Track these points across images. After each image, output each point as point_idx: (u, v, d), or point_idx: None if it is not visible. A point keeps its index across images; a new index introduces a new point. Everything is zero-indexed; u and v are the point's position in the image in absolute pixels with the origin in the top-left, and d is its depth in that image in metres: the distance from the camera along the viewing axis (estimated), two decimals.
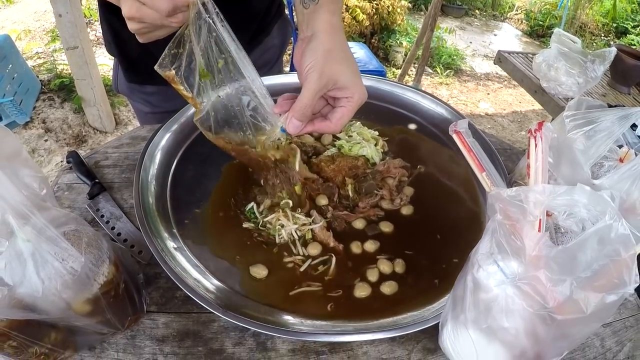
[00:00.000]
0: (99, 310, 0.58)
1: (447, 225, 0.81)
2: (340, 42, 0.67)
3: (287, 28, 1.24)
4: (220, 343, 0.64)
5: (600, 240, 0.46)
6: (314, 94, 0.64)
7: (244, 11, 1.02)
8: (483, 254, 0.51)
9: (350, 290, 0.69)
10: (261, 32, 1.12)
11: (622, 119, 0.64)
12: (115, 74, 1.13)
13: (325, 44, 0.65)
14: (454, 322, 0.57)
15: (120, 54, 1.02)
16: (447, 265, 0.74)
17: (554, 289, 0.47)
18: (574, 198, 0.48)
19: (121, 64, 1.06)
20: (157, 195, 0.79)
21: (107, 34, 1.01)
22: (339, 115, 0.67)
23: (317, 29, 0.66)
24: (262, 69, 1.16)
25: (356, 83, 0.66)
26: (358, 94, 0.67)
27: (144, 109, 1.15)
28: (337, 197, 0.84)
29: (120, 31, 0.98)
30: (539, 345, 0.52)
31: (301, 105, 0.64)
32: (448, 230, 0.80)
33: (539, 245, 0.47)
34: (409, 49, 3.94)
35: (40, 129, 2.79)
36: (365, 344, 0.65)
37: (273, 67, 1.24)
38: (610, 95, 2.21)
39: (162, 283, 0.71)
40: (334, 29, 0.66)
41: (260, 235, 0.76)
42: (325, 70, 0.64)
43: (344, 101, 0.67)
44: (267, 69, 1.22)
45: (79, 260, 0.53)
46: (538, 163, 0.55)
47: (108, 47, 1.04)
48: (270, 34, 1.16)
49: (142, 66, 1.02)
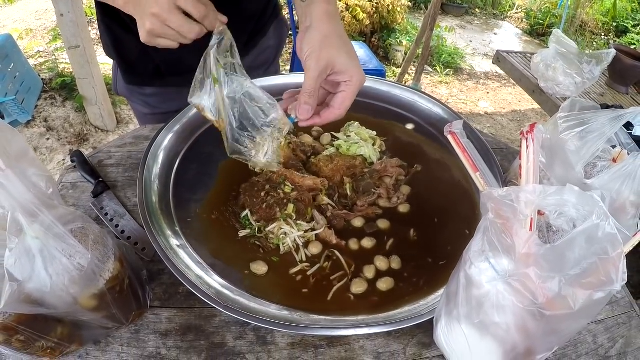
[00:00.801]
0: (104, 305, 0.59)
1: (442, 223, 0.83)
2: (336, 29, 0.70)
3: (284, 29, 1.25)
4: (221, 337, 0.66)
5: (588, 239, 0.48)
6: (315, 79, 0.67)
7: (240, 13, 1.03)
8: (475, 252, 0.53)
9: (348, 286, 0.71)
10: (257, 33, 1.14)
11: (613, 120, 0.66)
12: (114, 76, 1.14)
13: (322, 31, 0.68)
14: (447, 317, 0.59)
15: (118, 56, 1.03)
16: (442, 262, 0.76)
17: (543, 285, 0.49)
18: (563, 198, 0.49)
19: (120, 67, 1.07)
20: (160, 194, 0.81)
21: (105, 37, 1.02)
22: (340, 100, 0.70)
23: (314, 18, 0.69)
24: (258, 70, 1.17)
25: (353, 66, 0.69)
26: (356, 76, 0.69)
27: (143, 110, 1.16)
28: (337, 197, 0.86)
29: (119, 34, 0.98)
30: (530, 340, 0.53)
31: (306, 91, 0.67)
32: (443, 228, 0.82)
33: (529, 243, 0.49)
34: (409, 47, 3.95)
35: (42, 127, 2.81)
36: (362, 338, 0.67)
37: (270, 68, 1.25)
38: (608, 95, 2.23)
39: (165, 279, 0.73)
40: (329, 17, 0.70)
41: (258, 240, 0.78)
42: (323, 55, 0.67)
43: (343, 85, 0.70)
44: (263, 69, 1.23)
45: (86, 256, 0.54)
46: (529, 164, 0.56)
47: (106, 50, 1.05)
48: (267, 35, 1.17)
49: (140, 68, 1.04)
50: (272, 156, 0.71)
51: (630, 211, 0.66)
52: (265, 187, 0.81)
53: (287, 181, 0.82)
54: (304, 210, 0.79)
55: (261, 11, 1.11)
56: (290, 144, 0.92)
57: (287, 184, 0.81)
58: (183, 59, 0.87)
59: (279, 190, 0.80)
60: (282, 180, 0.82)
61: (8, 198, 0.50)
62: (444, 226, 0.82)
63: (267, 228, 0.77)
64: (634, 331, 0.74)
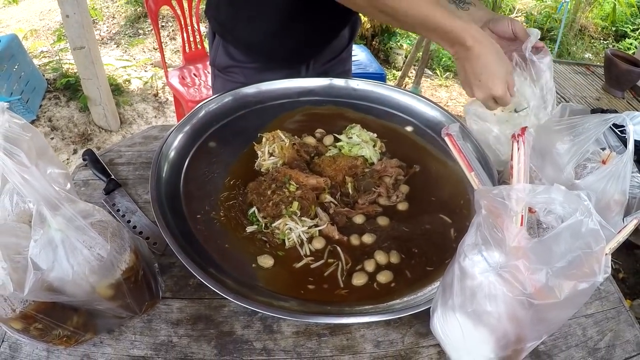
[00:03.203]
0: (120, 294, 0.63)
1: (439, 220, 0.86)
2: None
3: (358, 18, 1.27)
4: (230, 326, 0.70)
5: (573, 234, 0.51)
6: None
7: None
8: (469, 245, 0.57)
9: (349, 279, 0.75)
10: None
11: (598, 124, 0.70)
12: (214, 51, 1.18)
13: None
14: (443, 307, 0.63)
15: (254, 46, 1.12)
16: (438, 256, 0.80)
17: (531, 276, 0.52)
18: (551, 196, 0.53)
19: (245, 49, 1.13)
20: (171, 192, 0.85)
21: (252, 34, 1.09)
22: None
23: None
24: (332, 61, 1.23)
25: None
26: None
27: (240, 79, 1.19)
28: (339, 195, 0.90)
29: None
30: (520, 328, 0.57)
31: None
32: (440, 224, 0.86)
33: (518, 237, 0.53)
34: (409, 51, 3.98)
35: (47, 127, 2.84)
36: (362, 327, 0.71)
37: (341, 54, 1.27)
38: (604, 100, 2.26)
39: (175, 272, 0.77)
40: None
41: (265, 235, 0.81)
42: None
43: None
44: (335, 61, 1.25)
45: (106, 248, 0.58)
46: (520, 164, 0.60)
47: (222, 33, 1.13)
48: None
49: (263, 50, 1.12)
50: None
51: (615, 209, 0.70)
52: (271, 185, 0.85)
53: (291, 180, 0.86)
54: (307, 208, 0.83)
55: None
56: (295, 145, 0.96)
57: (292, 183, 0.85)
58: (301, 51, 1.11)
59: (284, 188, 0.84)
60: (287, 179, 0.86)
61: (33, 192, 0.53)
62: (441, 223, 0.86)
63: (273, 224, 0.81)
64: (623, 325, 0.77)
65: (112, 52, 3.75)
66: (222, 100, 1.05)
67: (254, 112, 1.07)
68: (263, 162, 0.94)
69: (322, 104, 1.12)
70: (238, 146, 0.99)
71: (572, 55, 5.27)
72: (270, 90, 1.11)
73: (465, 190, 0.91)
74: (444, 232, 0.84)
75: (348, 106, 1.12)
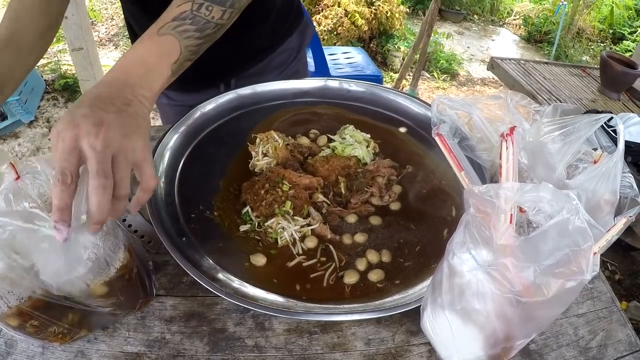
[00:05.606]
0: (114, 292, 0.63)
1: (430, 219, 0.87)
2: None
3: (307, 29, 1.27)
4: (222, 323, 0.71)
5: (560, 232, 0.52)
6: None
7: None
8: (458, 243, 0.57)
9: (341, 277, 0.76)
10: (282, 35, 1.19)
11: (589, 124, 0.70)
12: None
13: None
14: (432, 305, 0.63)
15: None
16: (429, 255, 0.81)
17: (519, 274, 0.53)
18: (539, 194, 0.54)
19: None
20: (166, 191, 0.86)
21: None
22: None
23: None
24: (274, 72, 1.21)
25: None
26: None
27: (162, 100, 1.22)
28: (332, 195, 0.90)
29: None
30: (508, 326, 0.58)
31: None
32: (431, 223, 0.86)
33: (506, 235, 0.54)
34: (406, 53, 4.00)
35: (45, 127, 2.85)
36: (353, 325, 0.72)
37: (285, 71, 1.25)
38: (599, 101, 2.28)
39: (169, 270, 0.78)
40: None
41: (258, 234, 0.82)
42: None
43: None
44: (279, 71, 1.23)
45: (100, 246, 0.59)
46: (509, 163, 0.61)
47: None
48: (292, 36, 1.21)
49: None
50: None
51: (605, 208, 0.70)
52: (264, 185, 0.85)
53: (285, 180, 0.87)
54: (300, 207, 0.84)
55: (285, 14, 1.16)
56: (288, 145, 0.97)
57: (285, 183, 0.86)
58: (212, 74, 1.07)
59: (277, 188, 0.85)
60: (281, 179, 0.87)
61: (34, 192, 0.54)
62: (432, 222, 0.87)
63: (266, 223, 0.82)
64: (615, 325, 0.78)
65: (111, 53, 3.77)
66: (218, 102, 1.06)
67: (249, 113, 1.08)
68: (257, 162, 0.94)
69: (317, 105, 1.13)
70: (233, 147, 0.99)
71: (569, 57, 5.29)
72: (265, 91, 1.12)
73: (457, 189, 0.91)
74: (436, 232, 0.85)
75: (342, 107, 1.13)
